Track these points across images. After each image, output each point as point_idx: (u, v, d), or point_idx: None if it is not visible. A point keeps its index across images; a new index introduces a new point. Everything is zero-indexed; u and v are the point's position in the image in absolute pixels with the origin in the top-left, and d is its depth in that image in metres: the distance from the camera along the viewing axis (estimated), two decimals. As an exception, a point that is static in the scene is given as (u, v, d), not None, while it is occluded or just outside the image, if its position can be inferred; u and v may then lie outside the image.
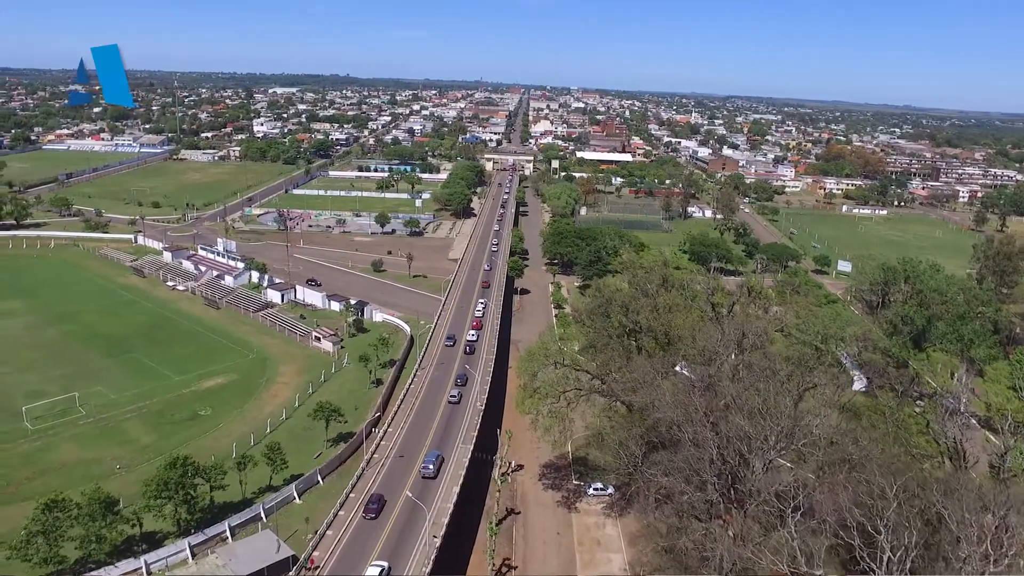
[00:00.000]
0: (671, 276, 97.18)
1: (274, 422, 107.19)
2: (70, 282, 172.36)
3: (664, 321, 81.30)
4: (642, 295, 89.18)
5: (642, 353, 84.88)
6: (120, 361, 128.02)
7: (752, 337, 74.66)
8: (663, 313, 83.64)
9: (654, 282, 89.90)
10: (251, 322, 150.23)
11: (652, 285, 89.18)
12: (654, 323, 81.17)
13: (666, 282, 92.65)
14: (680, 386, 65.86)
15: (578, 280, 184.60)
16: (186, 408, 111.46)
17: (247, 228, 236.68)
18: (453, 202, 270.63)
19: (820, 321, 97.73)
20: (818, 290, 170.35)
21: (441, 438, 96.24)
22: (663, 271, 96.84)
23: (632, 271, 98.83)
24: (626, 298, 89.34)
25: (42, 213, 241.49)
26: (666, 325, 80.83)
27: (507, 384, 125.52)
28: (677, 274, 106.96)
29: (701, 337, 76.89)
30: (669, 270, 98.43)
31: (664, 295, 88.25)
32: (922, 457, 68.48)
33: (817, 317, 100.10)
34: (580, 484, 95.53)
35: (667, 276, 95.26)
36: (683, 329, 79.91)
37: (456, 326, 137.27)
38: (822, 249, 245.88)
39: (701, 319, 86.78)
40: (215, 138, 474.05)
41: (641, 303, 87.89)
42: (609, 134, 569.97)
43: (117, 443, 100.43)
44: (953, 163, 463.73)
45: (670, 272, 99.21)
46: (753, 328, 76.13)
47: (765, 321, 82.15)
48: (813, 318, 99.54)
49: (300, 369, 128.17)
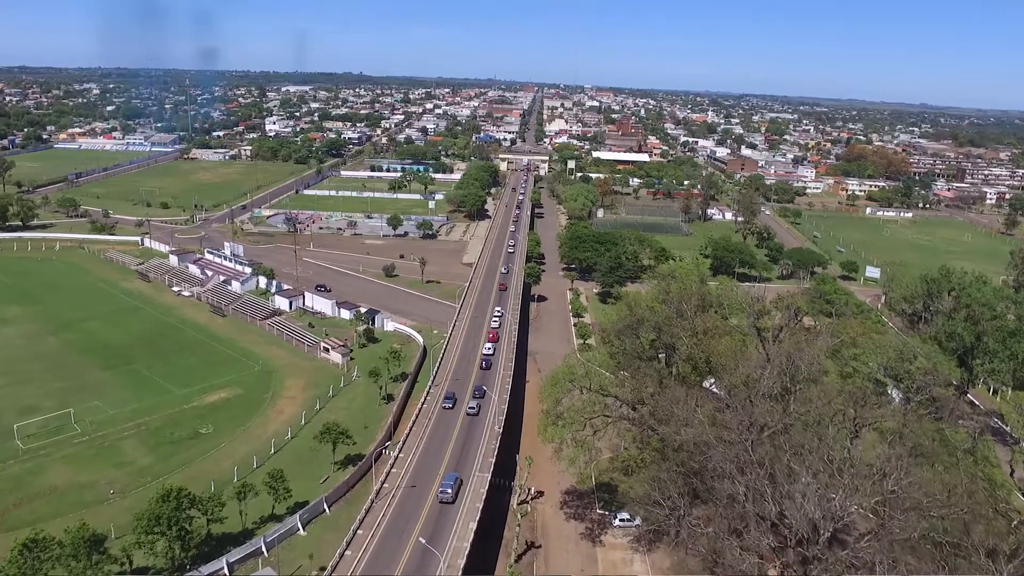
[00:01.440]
0: (708, 294, 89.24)
1: (278, 442, 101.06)
2: (74, 287, 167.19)
3: (704, 347, 73.72)
4: (676, 314, 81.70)
5: (676, 377, 77.83)
6: (120, 373, 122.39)
7: (805, 368, 67.01)
8: (702, 337, 76.19)
9: (691, 301, 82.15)
10: (257, 331, 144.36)
11: (688, 305, 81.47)
12: (694, 350, 73.54)
13: (703, 301, 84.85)
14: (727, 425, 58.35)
15: (597, 287, 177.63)
16: (187, 425, 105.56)
17: (256, 230, 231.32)
18: (467, 203, 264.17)
19: (883, 352, 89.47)
20: (849, 298, 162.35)
21: (458, 460, 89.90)
22: (700, 289, 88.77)
23: (665, 286, 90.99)
24: (660, 319, 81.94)
25: (49, 214, 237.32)
26: (707, 351, 73.33)
27: (524, 399, 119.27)
28: (712, 289, 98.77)
29: (744, 365, 69.47)
30: (706, 287, 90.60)
31: (702, 316, 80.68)
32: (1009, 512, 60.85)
33: (878, 347, 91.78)
34: (605, 514, 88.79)
35: (704, 295, 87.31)
36: (725, 357, 72.49)
37: (471, 338, 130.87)
38: (848, 253, 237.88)
39: (743, 342, 79.24)
40: (227, 137, 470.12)
41: (676, 324, 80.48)
42: (625, 133, 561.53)
43: (112, 465, 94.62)
44: (979, 164, 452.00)
45: (707, 290, 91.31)
46: (805, 358, 68.43)
47: (816, 348, 74.37)
48: (872, 347, 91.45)
49: (307, 383, 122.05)
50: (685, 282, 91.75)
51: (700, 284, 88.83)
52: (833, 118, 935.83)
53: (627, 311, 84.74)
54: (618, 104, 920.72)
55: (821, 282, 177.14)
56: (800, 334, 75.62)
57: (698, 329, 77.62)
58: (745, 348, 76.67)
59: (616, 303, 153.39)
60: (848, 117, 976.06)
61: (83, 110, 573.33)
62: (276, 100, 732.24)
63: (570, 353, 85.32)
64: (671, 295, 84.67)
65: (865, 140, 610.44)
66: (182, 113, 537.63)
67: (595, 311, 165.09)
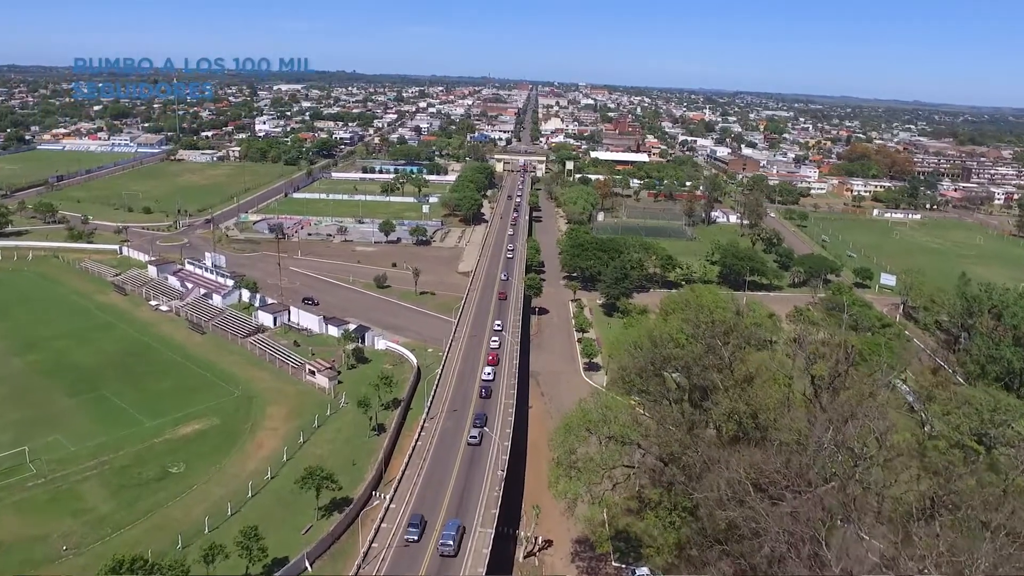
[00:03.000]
0: (745, 329, 78.06)
1: (256, 484, 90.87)
2: (44, 301, 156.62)
3: (749, 400, 62.82)
4: (708, 351, 71.19)
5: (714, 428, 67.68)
6: (86, 401, 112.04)
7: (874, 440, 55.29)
8: (744, 387, 65.39)
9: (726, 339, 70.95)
10: (239, 350, 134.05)
11: (724, 345, 70.30)
12: (737, 403, 62.84)
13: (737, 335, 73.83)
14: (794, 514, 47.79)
15: (601, 297, 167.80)
16: (155, 463, 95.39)
17: (242, 236, 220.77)
18: (463, 207, 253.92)
19: (979, 414, 78.07)
20: (870, 311, 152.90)
21: (459, 506, 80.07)
22: (735, 321, 77.35)
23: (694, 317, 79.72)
24: (688, 357, 71.44)
25: (25, 220, 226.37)
26: (751, 405, 62.46)
27: (527, 427, 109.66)
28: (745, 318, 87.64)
29: (796, 420, 58.69)
30: (742, 320, 79.92)
31: (740, 355, 69.82)
32: None
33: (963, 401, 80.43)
34: (622, 568, 79.07)
35: (742, 330, 76.17)
36: (775, 412, 61.60)
37: (469, 360, 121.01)
38: (859, 259, 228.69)
39: (788, 385, 68.34)
40: (215, 137, 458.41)
41: (708, 361, 69.93)
42: (622, 132, 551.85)
43: (69, 512, 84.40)
44: (984, 163, 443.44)
45: (743, 324, 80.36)
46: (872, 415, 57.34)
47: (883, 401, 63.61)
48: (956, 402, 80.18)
49: (291, 411, 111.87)
50: (715, 310, 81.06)
51: (736, 316, 77.59)
52: (829, 115, 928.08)
53: (650, 346, 74.44)
54: (613, 102, 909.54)
55: (837, 292, 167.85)
56: (861, 383, 64.82)
57: (738, 376, 67.06)
58: (791, 395, 66.17)
59: (625, 318, 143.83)
60: (843, 115, 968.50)
61: (69, 109, 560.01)
62: (267, 99, 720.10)
63: (585, 398, 74.88)
64: (701, 328, 74.06)
65: (864, 138, 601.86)
66: (170, 113, 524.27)
67: (600, 325, 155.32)
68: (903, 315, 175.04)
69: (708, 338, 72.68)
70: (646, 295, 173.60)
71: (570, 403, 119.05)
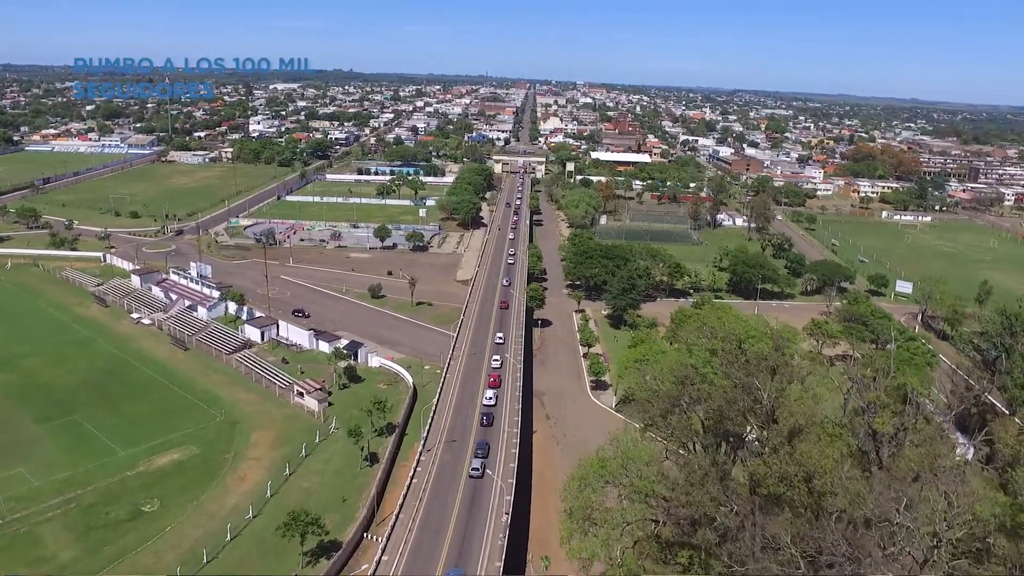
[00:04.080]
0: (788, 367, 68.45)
1: (236, 524, 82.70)
2: (19, 314, 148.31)
3: (800, 461, 53.15)
4: (742, 390, 62.15)
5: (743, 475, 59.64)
6: (57, 427, 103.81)
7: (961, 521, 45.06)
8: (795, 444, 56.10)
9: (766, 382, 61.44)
10: (224, 368, 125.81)
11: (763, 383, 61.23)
12: (787, 465, 53.39)
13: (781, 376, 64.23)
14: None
15: (607, 308, 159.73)
16: (127, 500, 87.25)
17: (232, 242, 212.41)
18: (461, 211, 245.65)
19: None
20: (888, 322, 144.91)
21: (457, 556, 72.01)
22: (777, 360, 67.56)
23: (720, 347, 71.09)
24: (720, 399, 62.48)
25: (7, 225, 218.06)
26: (804, 467, 52.78)
27: (532, 453, 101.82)
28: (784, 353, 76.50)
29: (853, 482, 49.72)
30: (784, 358, 70.49)
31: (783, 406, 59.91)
32: None
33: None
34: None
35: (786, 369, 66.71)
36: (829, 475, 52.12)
37: (469, 380, 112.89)
38: (871, 264, 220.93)
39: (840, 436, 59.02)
40: (208, 138, 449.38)
41: (743, 405, 60.83)
42: (622, 132, 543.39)
43: (27, 561, 76.26)
44: (992, 163, 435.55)
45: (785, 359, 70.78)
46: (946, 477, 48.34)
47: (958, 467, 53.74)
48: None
49: (277, 437, 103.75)
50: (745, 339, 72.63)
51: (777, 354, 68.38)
52: (828, 114, 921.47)
53: (676, 384, 65.81)
54: (612, 101, 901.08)
55: (853, 301, 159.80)
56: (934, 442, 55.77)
57: (783, 427, 57.89)
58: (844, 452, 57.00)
59: (633, 333, 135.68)
60: (843, 113, 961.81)
61: (60, 109, 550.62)
62: (263, 98, 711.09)
63: (603, 446, 66.50)
64: (734, 367, 65.16)
65: (867, 137, 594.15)
66: (163, 112, 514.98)
67: (606, 339, 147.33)
68: (922, 325, 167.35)
69: (743, 376, 64.02)
70: (653, 304, 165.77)
71: (577, 426, 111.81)
